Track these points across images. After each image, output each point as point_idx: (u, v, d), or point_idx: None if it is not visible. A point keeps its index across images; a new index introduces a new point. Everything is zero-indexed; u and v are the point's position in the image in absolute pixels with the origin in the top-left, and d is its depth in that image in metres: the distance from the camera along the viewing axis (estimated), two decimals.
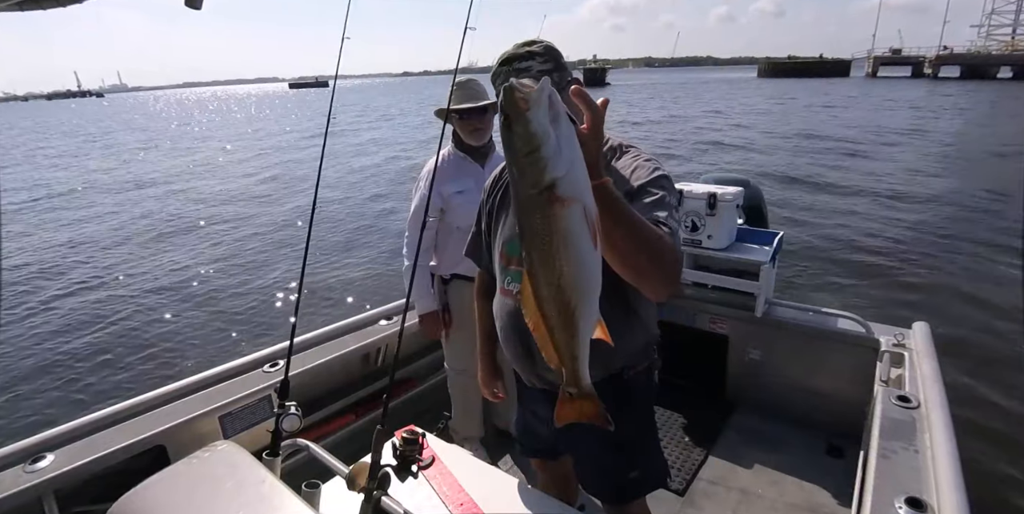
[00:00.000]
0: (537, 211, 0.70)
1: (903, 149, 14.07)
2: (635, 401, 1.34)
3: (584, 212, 0.70)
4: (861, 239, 7.15)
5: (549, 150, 0.67)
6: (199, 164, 18.76)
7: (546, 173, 0.67)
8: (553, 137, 0.67)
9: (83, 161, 20.71)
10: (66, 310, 6.43)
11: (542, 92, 0.68)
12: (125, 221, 11.06)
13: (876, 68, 67.10)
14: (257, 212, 11.21)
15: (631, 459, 1.38)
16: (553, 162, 0.67)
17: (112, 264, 8.19)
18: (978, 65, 53.83)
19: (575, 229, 0.70)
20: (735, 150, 15.21)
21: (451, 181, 2.09)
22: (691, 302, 2.64)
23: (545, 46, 1.17)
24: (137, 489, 1.09)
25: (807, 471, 2.25)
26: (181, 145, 25.09)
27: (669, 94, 45.98)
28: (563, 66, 1.17)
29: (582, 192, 0.70)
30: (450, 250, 2.18)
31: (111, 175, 16.97)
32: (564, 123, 0.69)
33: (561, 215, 0.69)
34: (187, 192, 14.15)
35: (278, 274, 7.24)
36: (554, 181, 0.68)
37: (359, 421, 2.38)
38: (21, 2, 1.01)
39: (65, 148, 25.72)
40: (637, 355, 1.32)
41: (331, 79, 1.91)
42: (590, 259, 0.73)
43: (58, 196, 14.29)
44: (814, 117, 23.26)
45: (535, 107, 0.67)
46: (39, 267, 8.23)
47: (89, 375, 4.82)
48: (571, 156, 0.69)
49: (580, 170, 0.70)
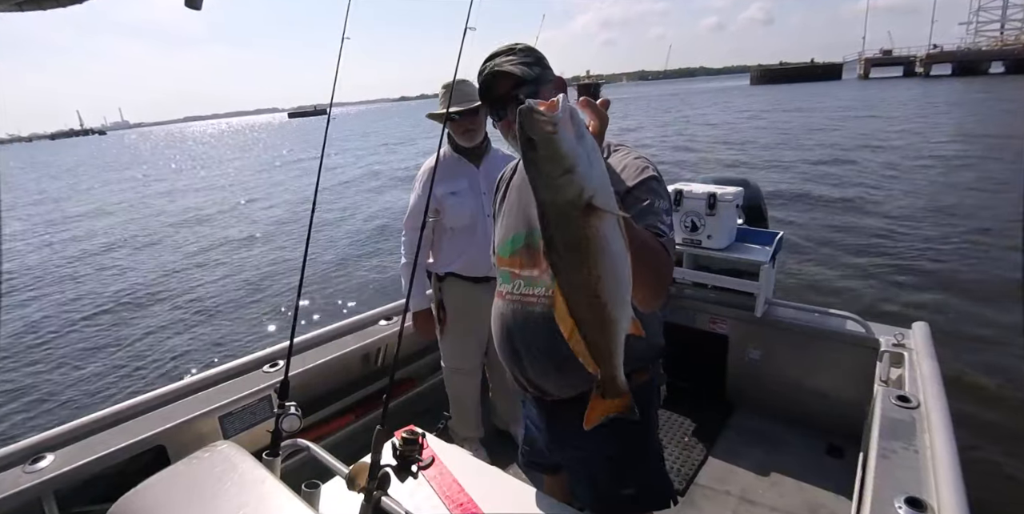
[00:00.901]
0: (574, 225, 0.70)
1: (903, 148, 14.07)
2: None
3: (618, 219, 0.72)
4: (861, 239, 7.15)
5: (582, 168, 0.68)
6: (204, 175, 18.75)
7: (584, 191, 0.68)
8: (584, 154, 0.68)
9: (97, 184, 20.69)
10: (66, 310, 6.43)
11: (564, 111, 0.68)
12: (124, 220, 11.06)
13: (868, 70, 67.49)
14: (257, 212, 11.21)
15: (624, 475, 1.32)
16: (588, 178, 0.68)
17: (112, 265, 8.19)
18: (969, 61, 54.36)
19: (612, 236, 0.71)
20: (735, 150, 15.21)
21: (444, 182, 2.08)
22: (691, 302, 2.64)
23: (526, 47, 1.21)
24: (137, 489, 1.09)
25: (807, 471, 2.25)
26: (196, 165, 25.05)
27: (659, 105, 45.96)
28: (545, 64, 1.20)
29: (612, 201, 0.71)
30: (444, 250, 2.18)
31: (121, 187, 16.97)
32: (588, 137, 0.70)
33: (599, 226, 0.70)
34: (186, 193, 14.15)
35: (278, 274, 7.25)
36: (592, 196, 0.68)
37: (359, 421, 2.37)
38: (21, 2, 1.01)
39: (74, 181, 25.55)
40: (632, 362, 1.29)
41: (328, 107, 1.96)
42: (624, 264, 0.74)
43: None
44: (816, 120, 23.26)
45: (562, 128, 0.67)
46: (39, 268, 8.23)
47: (89, 375, 4.82)
48: (601, 168, 0.71)
49: (607, 179, 0.72)
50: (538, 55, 1.20)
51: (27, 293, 7.09)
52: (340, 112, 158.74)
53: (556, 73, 1.22)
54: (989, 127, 16.78)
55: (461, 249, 2.12)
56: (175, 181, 16.31)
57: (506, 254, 1.26)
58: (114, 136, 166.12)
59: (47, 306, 6.60)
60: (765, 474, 2.27)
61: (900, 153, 13.48)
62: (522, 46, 1.21)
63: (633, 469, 1.33)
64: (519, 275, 1.23)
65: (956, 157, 12.48)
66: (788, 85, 64.04)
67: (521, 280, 1.23)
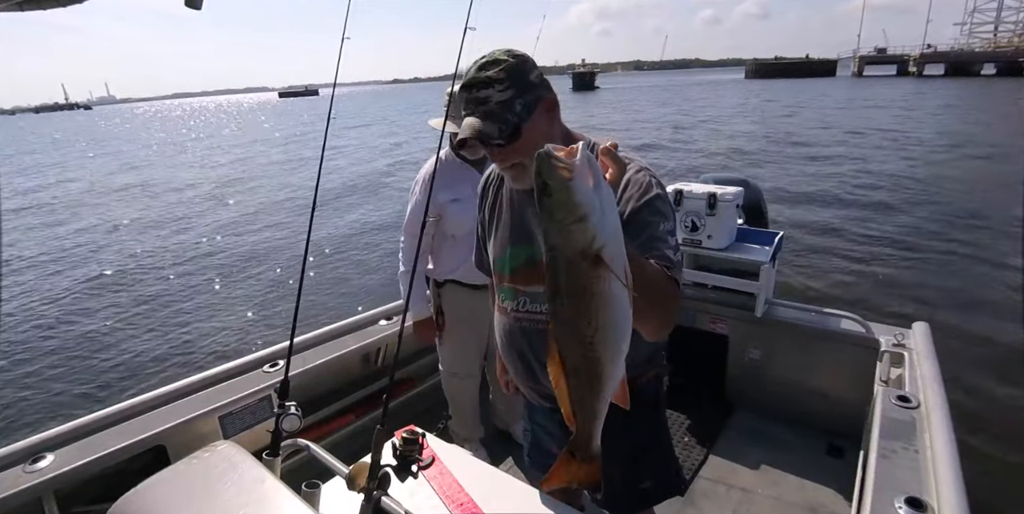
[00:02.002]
0: (581, 275, 0.69)
1: (903, 148, 14.07)
2: (645, 408, 1.32)
3: (625, 272, 0.71)
4: (861, 239, 7.15)
5: (595, 218, 0.67)
6: (198, 165, 18.77)
7: (595, 241, 0.68)
8: (598, 204, 0.68)
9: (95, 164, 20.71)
10: (66, 311, 6.43)
11: (583, 159, 0.68)
12: (123, 221, 11.06)
13: (862, 67, 67.82)
14: (257, 213, 11.22)
15: (642, 469, 1.35)
16: (600, 229, 0.68)
17: (111, 265, 8.19)
18: (962, 62, 54.63)
19: (616, 290, 0.70)
20: (734, 150, 15.21)
21: (447, 189, 2.01)
22: (691, 302, 2.64)
23: (506, 69, 1.02)
24: (137, 489, 1.09)
25: (807, 471, 2.25)
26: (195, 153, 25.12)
27: (657, 96, 45.90)
28: (528, 87, 1.04)
29: (622, 253, 0.71)
30: (444, 257, 2.15)
31: (116, 177, 16.98)
32: (604, 187, 0.70)
33: (605, 277, 0.69)
34: (185, 191, 14.16)
35: (278, 274, 7.25)
36: (601, 247, 0.68)
37: (359, 421, 2.38)
38: (21, 2, 1.01)
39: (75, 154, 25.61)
40: (642, 365, 1.29)
41: (320, 88, 1.92)
42: (625, 318, 0.73)
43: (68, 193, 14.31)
44: (815, 117, 23.26)
45: (579, 177, 0.67)
46: (40, 268, 8.24)
47: (89, 375, 4.82)
48: (614, 220, 0.70)
49: (620, 231, 0.71)
50: (520, 78, 1.03)
51: (27, 294, 7.09)
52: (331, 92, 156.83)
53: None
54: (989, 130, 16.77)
55: (463, 257, 2.04)
56: (173, 176, 16.35)
57: (506, 271, 1.24)
58: (99, 111, 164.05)
59: (47, 307, 6.60)
60: (765, 474, 2.27)
61: (899, 153, 13.49)
62: (500, 72, 1.02)
63: (649, 464, 1.36)
64: (523, 292, 1.21)
65: (955, 157, 12.49)
66: (783, 80, 64.34)
67: (526, 296, 1.20)
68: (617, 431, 1.12)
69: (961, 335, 4.41)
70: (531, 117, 1.05)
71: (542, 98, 1.06)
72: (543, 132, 1.06)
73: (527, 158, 1.00)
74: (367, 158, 18.06)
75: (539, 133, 1.05)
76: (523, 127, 1.03)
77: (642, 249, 0.96)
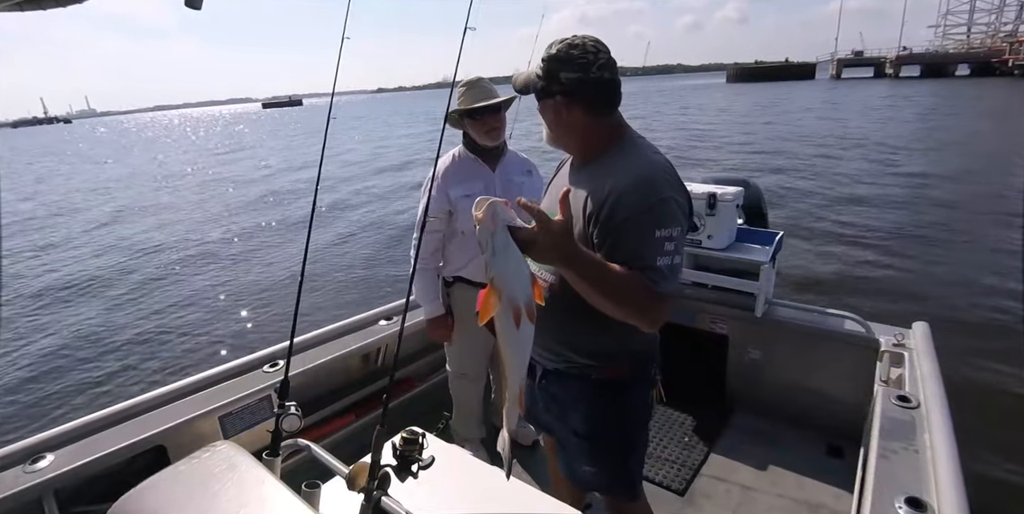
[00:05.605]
0: (489, 294, 1.01)
1: (902, 148, 14.07)
2: (598, 403, 1.34)
3: (508, 301, 0.99)
4: (862, 239, 7.15)
5: (487, 256, 1.00)
6: (197, 168, 18.76)
7: (488, 270, 1.00)
8: (491, 246, 0.99)
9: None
10: (65, 311, 6.43)
11: (488, 214, 1.00)
12: (123, 221, 11.06)
13: (840, 70, 68.54)
14: (256, 213, 11.22)
15: (587, 453, 1.40)
16: (491, 264, 0.99)
17: (111, 265, 8.20)
18: (937, 64, 55.49)
19: (500, 312, 1.00)
20: (734, 151, 15.21)
21: (459, 184, 2.02)
22: (691, 302, 2.64)
23: (556, 50, 1.19)
24: (137, 489, 1.09)
25: (807, 471, 2.25)
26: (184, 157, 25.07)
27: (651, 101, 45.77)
28: (555, 74, 1.20)
29: (511, 286, 0.99)
30: (454, 253, 2.13)
31: (110, 180, 16.97)
32: (500, 235, 0.99)
33: (494, 301, 1.00)
34: (183, 191, 14.16)
35: (278, 274, 7.25)
36: (492, 277, 0.99)
37: (359, 421, 2.38)
38: (21, 2, 1.01)
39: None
40: (602, 357, 1.30)
41: (305, 97, 1.94)
42: (511, 333, 1.02)
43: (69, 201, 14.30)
44: (812, 120, 23.25)
45: (481, 226, 1.00)
46: (39, 269, 8.24)
47: (89, 375, 4.82)
48: (512, 260, 1.00)
49: (512, 270, 1.00)
50: (551, 67, 1.19)
51: (27, 294, 7.09)
52: (318, 103, 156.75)
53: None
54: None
55: (472, 253, 2.07)
56: (169, 178, 16.36)
57: None
58: (79, 125, 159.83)
59: (46, 306, 6.60)
60: (765, 473, 2.27)
61: (900, 153, 13.48)
62: (554, 50, 1.19)
63: (597, 451, 1.39)
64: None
65: (956, 157, 12.48)
66: (763, 84, 64.78)
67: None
68: (578, 410, 1.36)
69: (961, 335, 4.40)
70: (547, 100, 1.23)
71: (561, 88, 1.20)
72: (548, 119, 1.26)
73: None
74: (367, 158, 18.06)
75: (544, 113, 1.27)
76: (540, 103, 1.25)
77: (628, 258, 1.09)
